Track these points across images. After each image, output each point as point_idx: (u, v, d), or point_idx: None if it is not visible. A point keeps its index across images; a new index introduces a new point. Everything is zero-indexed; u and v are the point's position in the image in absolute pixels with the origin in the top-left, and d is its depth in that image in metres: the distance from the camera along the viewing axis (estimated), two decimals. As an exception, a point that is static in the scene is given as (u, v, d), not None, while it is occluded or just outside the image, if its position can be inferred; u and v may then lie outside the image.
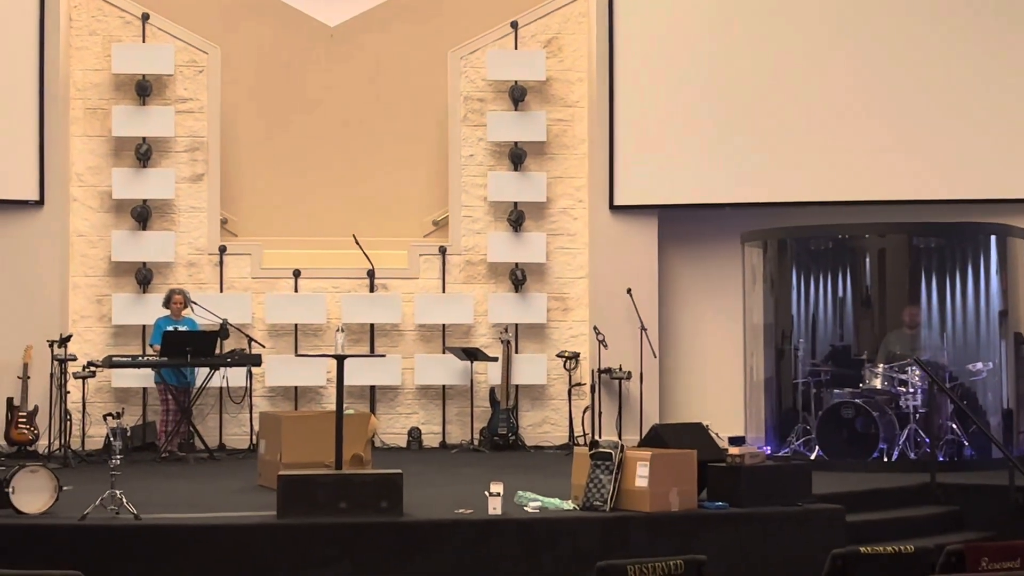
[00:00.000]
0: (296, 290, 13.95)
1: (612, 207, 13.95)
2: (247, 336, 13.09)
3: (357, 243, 13.72)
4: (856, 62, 13.68)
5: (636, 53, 13.93)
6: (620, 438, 11.68)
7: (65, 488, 8.25)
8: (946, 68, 13.59)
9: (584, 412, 13.64)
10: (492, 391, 13.74)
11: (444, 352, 13.94)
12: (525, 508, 8.51)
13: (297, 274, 13.94)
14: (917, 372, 11.58)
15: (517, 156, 14.11)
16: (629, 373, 13.50)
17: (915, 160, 13.58)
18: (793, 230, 12.94)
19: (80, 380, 12.33)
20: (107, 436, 8.50)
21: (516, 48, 14.28)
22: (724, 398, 13.62)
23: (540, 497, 8.66)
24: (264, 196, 14.41)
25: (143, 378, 13.10)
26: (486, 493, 8.27)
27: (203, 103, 13.97)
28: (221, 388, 13.06)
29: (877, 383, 11.90)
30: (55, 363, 12.16)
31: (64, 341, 12.19)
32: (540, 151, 14.24)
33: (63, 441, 11.94)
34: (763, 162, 13.74)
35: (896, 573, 6.09)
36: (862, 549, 6.57)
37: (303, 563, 7.81)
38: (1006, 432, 12.13)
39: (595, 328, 13.59)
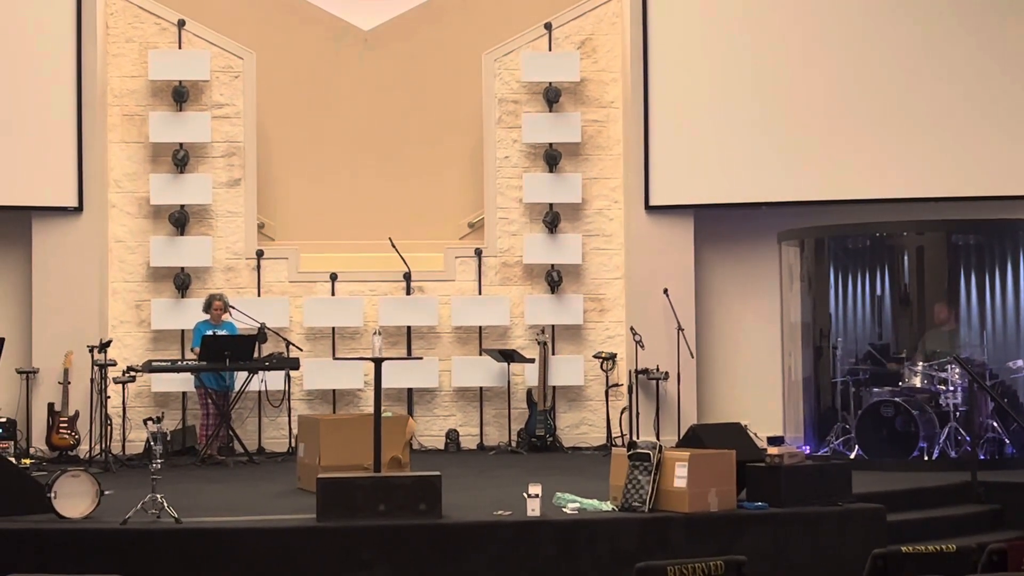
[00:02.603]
0: (333, 293, 13.99)
1: (648, 207, 13.92)
2: (285, 340, 13.14)
3: (393, 246, 13.74)
4: (893, 59, 13.60)
5: (670, 53, 13.90)
6: (658, 439, 11.67)
7: (106, 492, 8.32)
8: (984, 64, 13.49)
9: (622, 413, 13.62)
10: (529, 392, 13.74)
11: (481, 354, 13.95)
12: (563, 509, 8.51)
13: (334, 277, 13.98)
14: (957, 370, 11.51)
15: (552, 157, 14.11)
16: (666, 373, 13.48)
17: (953, 157, 13.49)
18: (830, 228, 12.88)
19: (120, 385, 12.42)
20: (147, 440, 8.58)
21: (550, 49, 14.28)
22: (762, 398, 13.57)
23: (578, 498, 8.66)
24: (301, 200, 14.46)
25: (182, 382, 13.18)
26: (524, 495, 8.28)
27: (239, 108, 14.04)
28: (260, 392, 13.11)
29: (916, 381, 11.84)
30: (95, 368, 12.24)
31: (104, 346, 12.26)
32: (575, 152, 14.23)
33: (104, 446, 12.03)
34: (799, 161, 13.68)
35: (938, 572, 6.06)
36: (903, 549, 6.54)
37: (343, 565, 7.84)
38: (1047, 430, 12.05)
39: (632, 329, 13.57)
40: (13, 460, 10.88)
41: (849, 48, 13.68)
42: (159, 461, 8.26)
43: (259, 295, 13.88)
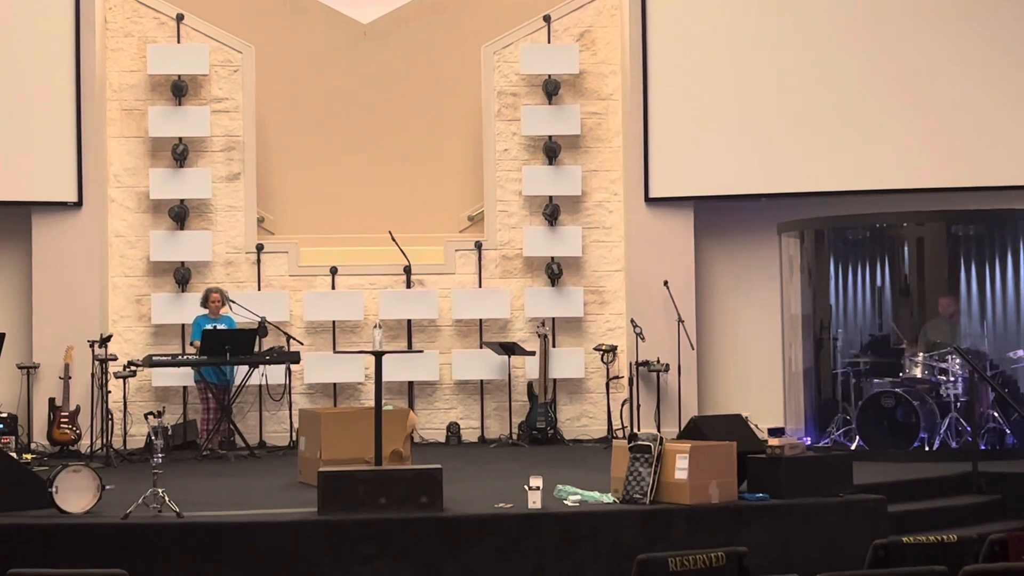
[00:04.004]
0: (333, 287, 14.00)
1: (647, 199, 13.92)
2: (285, 334, 13.15)
3: (393, 239, 13.75)
4: (892, 49, 13.59)
5: (669, 45, 13.89)
6: (659, 431, 11.69)
7: (108, 487, 8.32)
8: (983, 53, 13.48)
9: (622, 405, 13.62)
10: (530, 385, 13.74)
11: (481, 347, 13.95)
12: (565, 502, 8.52)
13: (334, 271, 13.99)
14: (957, 360, 11.51)
15: (551, 150, 14.11)
16: (667, 365, 13.48)
17: (952, 147, 13.48)
18: (830, 220, 12.88)
19: (121, 380, 12.42)
20: (148, 435, 8.60)
21: (549, 42, 14.27)
22: (763, 389, 13.58)
23: (579, 491, 8.66)
24: (300, 194, 14.46)
25: (183, 377, 13.18)
26: (525, 487, 8.28)
27: (238, 102, 14.03)
28: (260, 386, 13.13)
29: (917, 372, 11.84)
30: (96, 363, 12.25)
31: (104, 341, 12.28)
32: (574, 145, 14.23)
33: (105, 440, 12.02)
34: (799, 152, 13.67)
35: (939, 563, 6.08)
36: (904, 539, 6.56)
37: (344, 559, 7.85)
38: (1048, 420, 12.05)
39: (632, 321, 13.57)
40: (14, 455, 10.90)
41: (849, 40, 13.66)
42: (160, 456, 8.27)
43: (259, 289, 13.88)
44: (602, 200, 14.26)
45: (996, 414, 11.64)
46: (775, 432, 9.06)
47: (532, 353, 13.66)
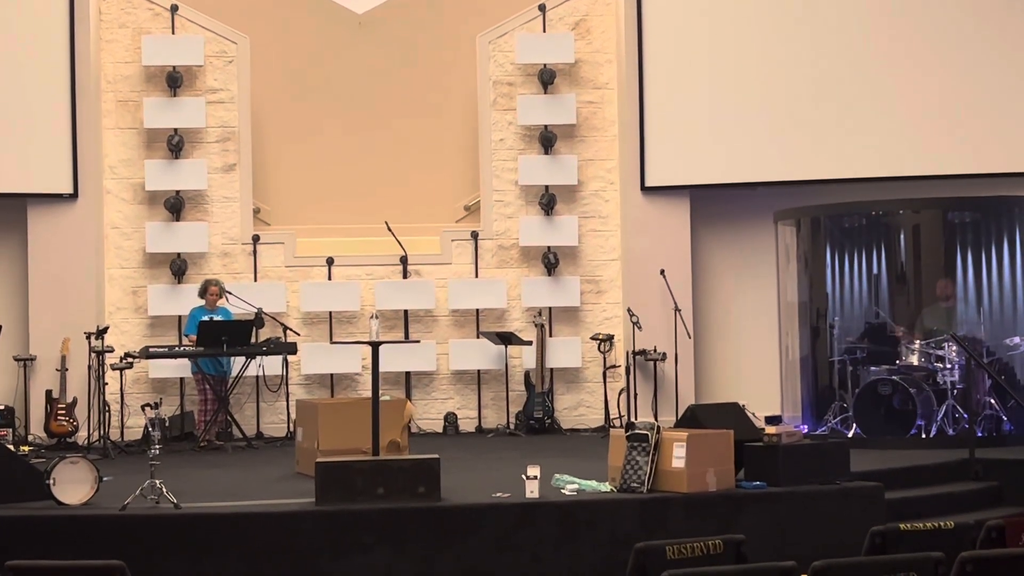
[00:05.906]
0: (330, 278, 13.98)
1: (644, 188, 13.91)
2: (282, 324, 13.15)
3: (389, 230, 13.73)
4: (888, 37, 13.59)
5: (665, 33, 13.88)
6: (656, 419, 11.68)
7: (105, 479, 8.32)
8: (979, 41, 13.47)
9: (619, 394, 13.63)
10: (527, 375, 13.75)
11: (478, 337, 13.95)
12: (562, 491, 8.53)
13: (330, 262, 13.97)
14: (954, 347, 11.52)
15: (547, 139, 14.09)
16: (664, 354, 13.48)
17: (948, 134, 13.48)
18: (826, 207, 12.87)
19: (118, 371, 12.41)
20: (146, 426, 8.59)
21: (544, 31, 14.25)
22: (760, 377, 13.58)
23: (577, 480, 8.67)
24: (296, 185, 14.45)
25: (180, 368, 13.18)
26: (523, 477, 8.29)
27: (233, 93, 14.00)
28: (257, 377, 13.13)
29: (914, 359, 11.85)
30: (92, 355, 12.25)
31: (101, 333, 12.27)
32: (570, 134, 14.21)
33: (102, 432, 12.04)
34: (795, 140, 13.67)
35: (936, 549, 6.08)
36: (901, 526, 6.56)
37: (342, 549, 7.85)
38: (1044, 406, 12.06)
39: (629, 310, 13.57)
40: (11, 447, 10.90)
41: (845, 26, 13.65)
42: (157, 447, 8.28)
43: (255, 280, 13.87)
44: (598, 189, 14.25)
45: (993, 401, 11.66)
46: (772, 420, 9.06)
47: (529, 343, 13.66)
